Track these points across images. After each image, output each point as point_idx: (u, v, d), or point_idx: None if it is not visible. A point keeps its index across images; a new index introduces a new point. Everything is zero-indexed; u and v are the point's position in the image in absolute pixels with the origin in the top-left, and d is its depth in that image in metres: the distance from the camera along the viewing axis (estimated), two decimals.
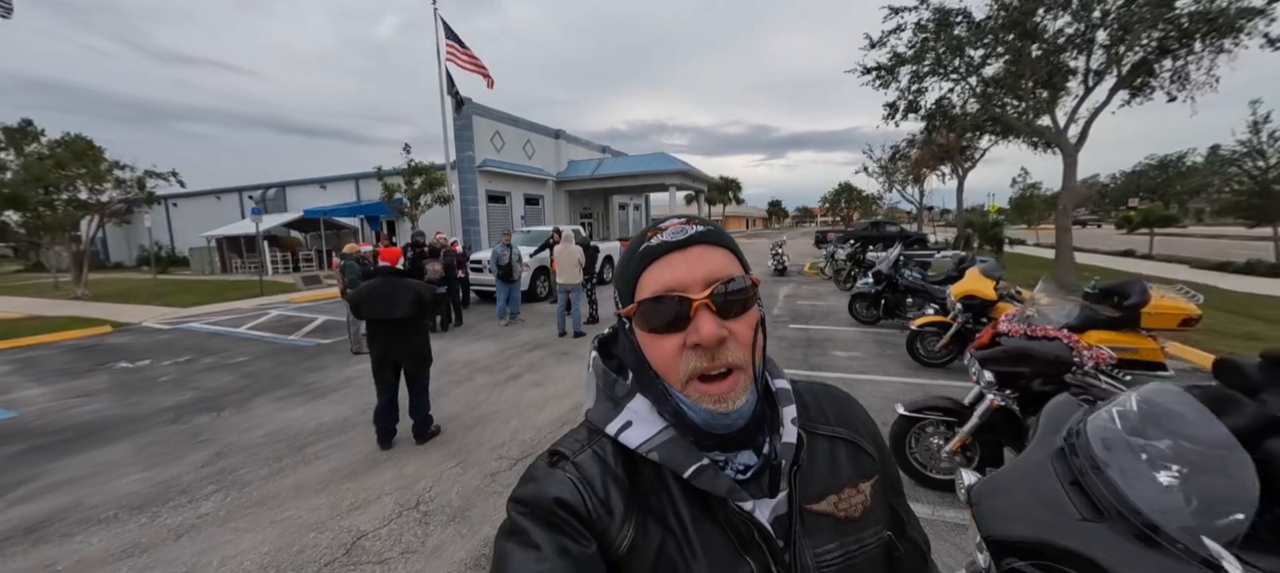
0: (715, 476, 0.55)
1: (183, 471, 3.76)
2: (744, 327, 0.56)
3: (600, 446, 0.59)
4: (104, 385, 5.98)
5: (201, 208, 29.20)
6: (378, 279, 3.97)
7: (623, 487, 0.56)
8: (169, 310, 11.22)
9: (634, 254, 0.59)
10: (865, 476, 0.66)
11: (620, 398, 0.60)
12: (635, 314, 0.57)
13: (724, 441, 0.57)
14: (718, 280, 0.55)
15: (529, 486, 0.57)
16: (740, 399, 0.55)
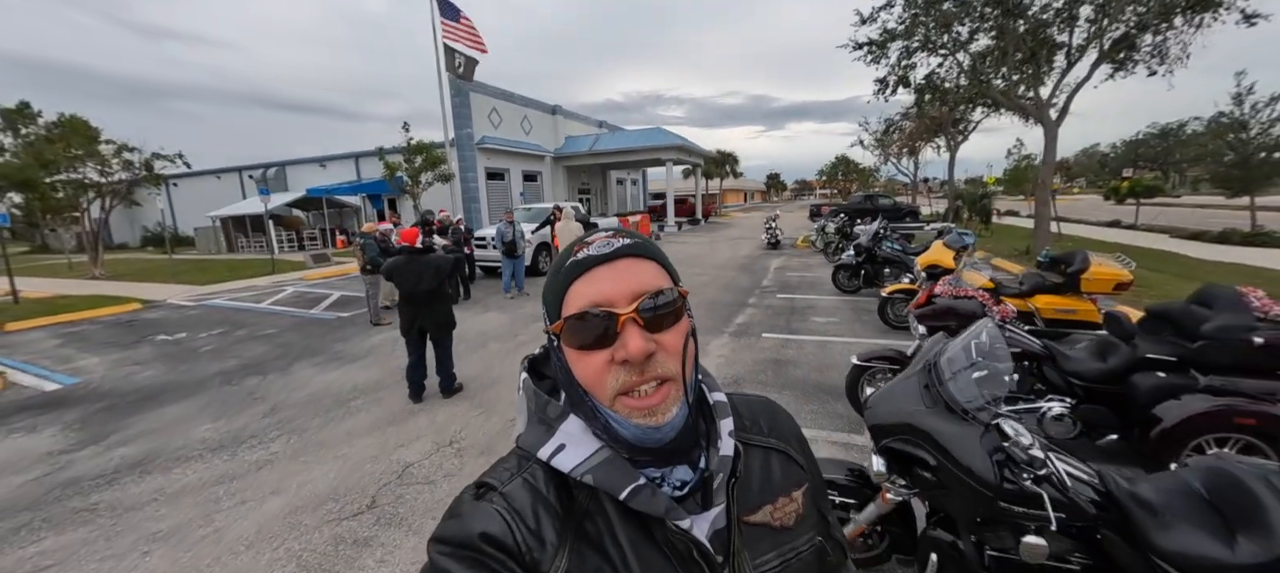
0: (652, 495, 0.54)
1: (247, 421, 4.41)
2: (673, 338, 0.55)
3: (531, 472, 0.57)
4: (153, 355, 6.61)
5: (202, 187, 29.43)
6: (402, 257, 4.55)
7: (555, 514, 0.55)
8: (190, 288, 11.80)
9: (560, 269, 0.58)
10: (797, 484, 0.67)
11: (553, 420, 0.58)
12: (562, 331, 0.56)
13: (658, 454, 0.56)
14: (645, 294, 0.54)
15: (452, 523, 0.54)
16: (671, 411, 0.54)
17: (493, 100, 22.04)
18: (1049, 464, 1.61)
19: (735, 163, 49.96)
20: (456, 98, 19.98)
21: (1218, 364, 2.81)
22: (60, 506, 3.23)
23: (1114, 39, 11.73)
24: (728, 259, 14.20)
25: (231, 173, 29.05)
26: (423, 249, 4.61)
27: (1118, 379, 3.05)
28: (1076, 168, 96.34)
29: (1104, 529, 1.73)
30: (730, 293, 9.22)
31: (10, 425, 4.55)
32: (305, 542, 2.77)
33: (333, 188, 22.74)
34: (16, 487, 3.49)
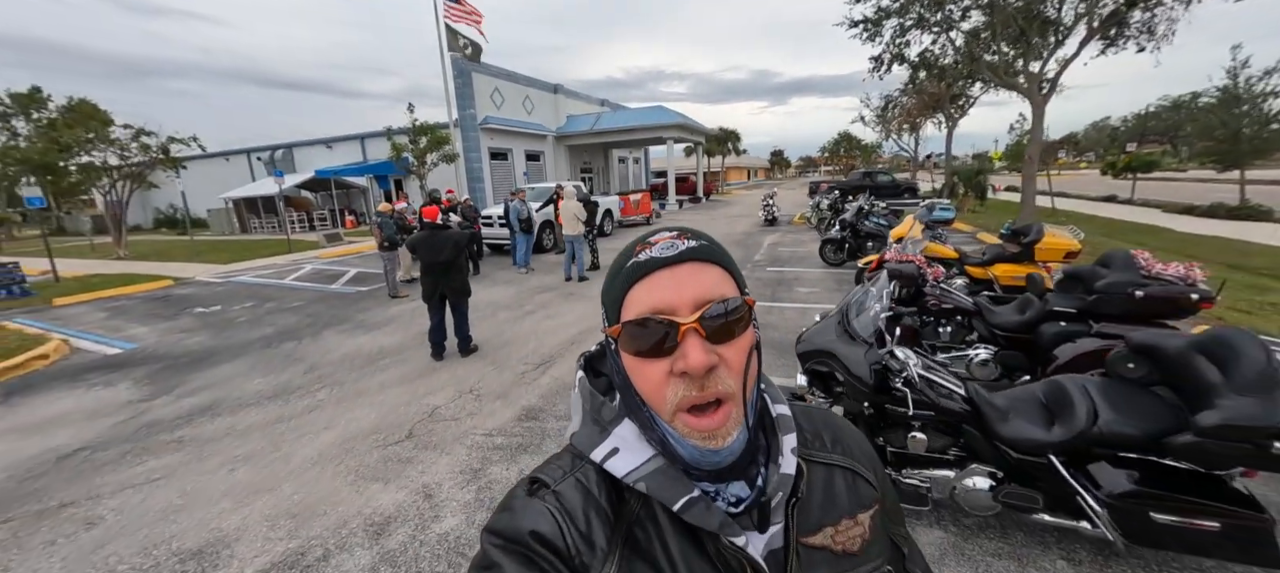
0: (706, 509, 0.52)
1: (292, 377, 5.07)
2: (736, 353, 0.52)
3: (584, 473, 0.56)
4: (195, 325, 7.29)
5: (211, 170, 29.96)
6: (424, 232, 5.15)
7: (605, 518, 0.53)
8: (214, 267, 12.47)
9: (620, 270, 0.55)
10: (864, 506, 0.62)
11: (607, 423, 0.57)
12: (620, 336, 0.54)
13: (713, 473, 0.54)
14: (708, 302, 0.51)
15: (505, 516, 0.54)
16: (732, 435, 0.51)
17: (495, 81, 22.34)
18: (908, 370, 2.21)
19: (737, 140, 49.94)
20: (459, 78, 20.32)
21: (1108, 314, 3.38)
22: (152, 439, 3.91)
23: (1103, 16, 11.97)
24: (724, 235, 14.73)
25: (240, 155, 29.58)
26: (442, 225, 5.20)
27: (1030, 329, 3.63)
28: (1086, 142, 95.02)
29: (966, 425, 2.33)
30: None
31: (88, 382, 5.24)
32: (359, 461, 3.43)
33: (340, 169, 23.27)
34: (111, 425, 4.17)
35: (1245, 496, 1.92)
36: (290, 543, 2.67)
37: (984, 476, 2.32)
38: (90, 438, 3.98)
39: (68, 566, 2.59)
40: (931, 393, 2.30)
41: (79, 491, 3.26)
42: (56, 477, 3.44)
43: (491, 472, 3.22)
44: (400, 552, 2.55)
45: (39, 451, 3.82)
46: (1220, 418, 1.80)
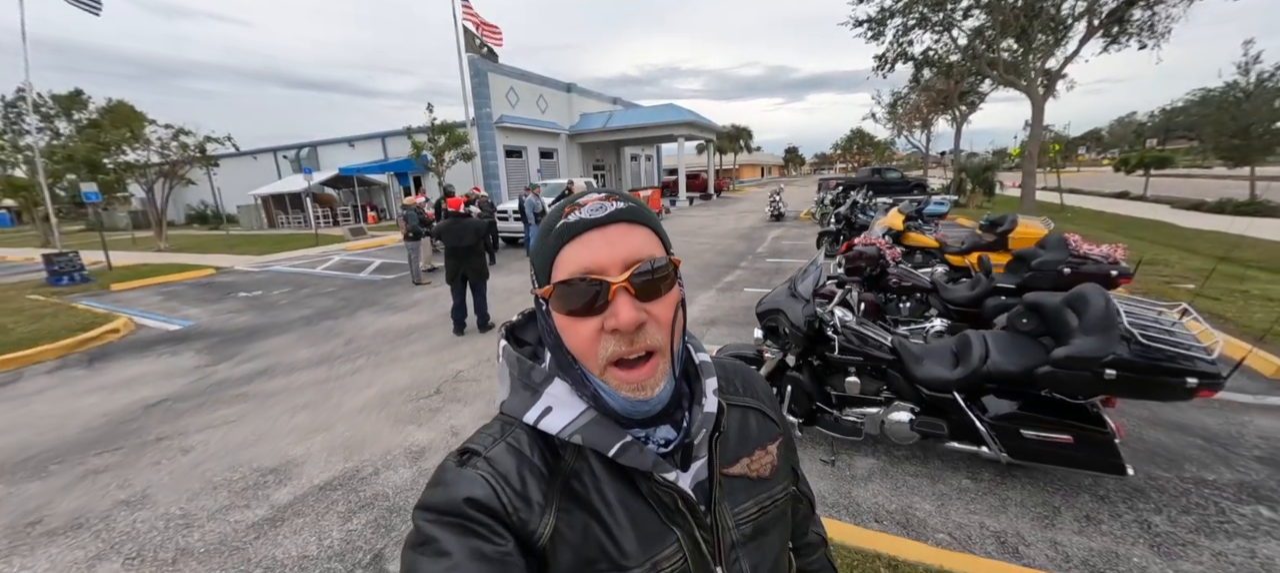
0: (639, 451, 0.55)
1: (333, 348, 5.76)
2: (664, 309, 0.55)
3: (514, 436, 0.57)
4: (241, 307, 8.06)
5: (239, 167, 31.17)
6: (449, 220, 5.79)
7: (540, 475, 0.55)
8: (249, 258, 13.36)
9: (550, 231, 0.56)
10: (771, 438, 0.70)
11: (538, 384, 0.58)
12: (551, 296, 0.55)
13: (643, 420, 0.58)
14: (637, 262, 0.53)
15: (437, 490, 0.54)
16: (659, 386, 0.55)
17: (510, 80, 23.05)
18: (833, 319, 2.76)
19: (749, 137, 50.13)
20: (475, 78, 21.05)
21: (1041, 287, 3.85)
22: (221, 393, 4.60)
23: (1103, 15, 12.18)
24: (730, 230, 15.23)
25: (267, 153, 30.75)
26: (464, 214, 5.85)
27: (977, 303, 4.13)
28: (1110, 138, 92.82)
29: (891, 370, 2.88)
30: (725, 258, 10.33)
31: (157, 352, 5.99)
32: (396, 410, 4.07)
33: (363, 167, 24.21)
34: (185, 384, 4.89)
35: (1095, 416, 2.44)
36: (346, 464, 3.31)
37: (905, 411, 2.86)
38: (169, 392, 4.69)
39: (174, 478, 3.26)
40: (858, 342, 2.85)
41: (169, 429, 3.95)
42: (148, 420, 4.15)
43: None
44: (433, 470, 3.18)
45: (128, 401, 4.55)
46: (1067, 352, 2.33)
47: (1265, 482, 2.70)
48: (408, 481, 3.11)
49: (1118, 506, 2.55)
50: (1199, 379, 2.16)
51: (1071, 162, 63.10)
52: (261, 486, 3.12)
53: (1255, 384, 3.84)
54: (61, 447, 3.76)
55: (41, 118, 18.89)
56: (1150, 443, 3.09)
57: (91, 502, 3.05)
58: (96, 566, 2.51)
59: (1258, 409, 3.46)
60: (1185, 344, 2.23)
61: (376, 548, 2.54)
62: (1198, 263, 8.60)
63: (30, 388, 5.04)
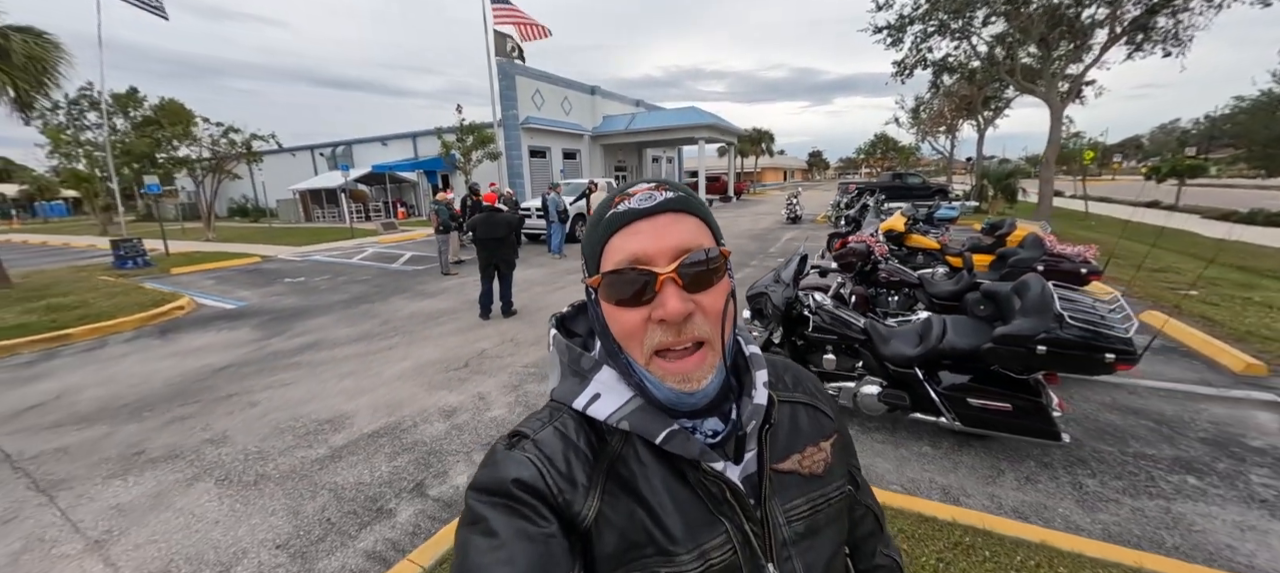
0: (687, 439, 0.55)
1: (370, 327, 6.36)
2: (713, 300, 0.54)
3: (562, 421, 0.58)
4: (287, 290, 8.79)
5: (278, 163, 32.68)
6: (485, 214, 6.35)
7: (586, 459, 0.56)
8: (291, 248, 14.27)
9: (599, 221, 0.57)
10: (825, 435, 0.68)
11: (587, 371, 0.59)
12: (600, 286, 0.56)
13: (690, 411, 0.57)
14: (686, 252, 0.53)
15: (486, 471, 0.55)
16: (707, 378, 0.55)
17: (536, 83, 23.78)
18: (808, 300, 3.17)
19: (771, 140, 50.10)
20: (503, 81, 21.82)
21: None
22: (276, 362, 5.22)
23: (1127, 22, 12.14)
24: (746, 230, 15.56)
25: (304, 151, 32.20)
26: (498, 209, 6.42)
27: (959, 297, 4.45)
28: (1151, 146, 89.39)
29: (861, 347, 3.27)
30: (738, 256, 10.70)
31: (217, 326, 6.70)
32: (430, 378, 4.61)
33: (394, 164, 25.25)
34: (245, 352, 5.53)
35: (1035, 388, 2.79)
36: (389, 418, 3.85)
37: (874, 384, 3.25)
38: (233, 360, 5.34)
39: (247, 423, 3.85)
40: (832, 322, 3.25)
41: (237, 387, 4.57)
42: (218, 380, 4.78)
43: (526, 387, 4.34)
44: (465, 426, 3.69)
45: (199, 365, 5.20)
46: (1006, 330, 2.70)
47: (1200, 457, 3.01)
48: (442, 432, 3.63)
49: (1057, 471, 2.90)
50: (1116, 354, 2.51)
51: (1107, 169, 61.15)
52: (320, 432, 3.67)
53: (1221, 378, 4.08)
54: (149, 398, 4.40)
55: (101, 115, 20.36)
56: (1103, 424, 3.40)
57: (181, 440, 3.65)
58: (193, 484, 3.09)
59: (1217, 400, 3.73)
60: (1108, 326, 2.58)
61: (418, 479, 3.05)
62: (1212, 273, 8.63)
63: (114, 353, 5.76)
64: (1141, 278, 7.45)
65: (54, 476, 3.23)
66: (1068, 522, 2.48)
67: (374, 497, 2.90)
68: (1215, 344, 4.60)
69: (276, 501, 2.89)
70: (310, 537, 2.58)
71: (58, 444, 3.64)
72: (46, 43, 8.72)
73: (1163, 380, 4.04)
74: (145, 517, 2.79)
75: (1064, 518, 2.52)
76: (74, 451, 3.55)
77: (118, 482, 3.14)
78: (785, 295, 3.22)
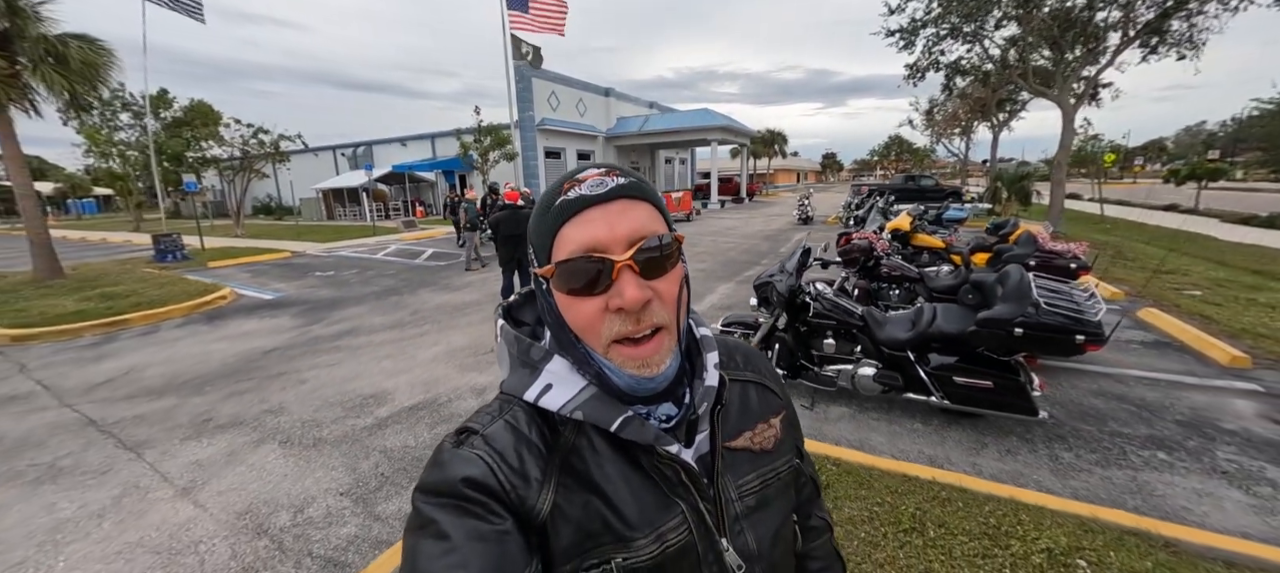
0: (641, 425, 0.55)
1: (401, 317, 6.78)
2: (669, 285, 0.55)
3: (512, 414, 0.57)
4: (320, 283, 9.29)
5: (302, 163, 33.60)
6: (507, 211, 6.73)
7: (537, 452, 0.55)
8: (317, 244, 14.86)
9: (549, 209, 0.55)
10: (774, 412, 0.71)
11: (537, 362, 0.58)
12: (552, 276, 0.54)
13: (646, 397, 0.58)
14: (641, 239, 0.52)
15: (433, 471, 0.53)
16: (665, 362, 0.55)
17: (552, 85, 24.26)
18: (809, 288, 3.48)
19: (784, 142, 50.10)
20: (520, 83, 22.31)
21: None
22: (319, 345, 5.65)
23: (1140, 25, 12.17)
24: (757, 231, 15.82)
25: (326, 151, 33.10)
26: (521, 207, 6.81)
27: (955, 290, 4.71)
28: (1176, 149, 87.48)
29: (859, 332, 3.57)
30: (748, 255, 10.99)
31: (259, 315, 7.18)
32: (460, 361, 4.99)
33: (413, 164, 25.90)
34: (289, 338, 5.98)
35: (1015, 368, 3.07)
36: (426, 395, 4.23)
37: (870, 367, 3.54)
38: (278, 344, 5.78)
39: (299, 397, 4.26)
40: (832, 308, 3.55)
41: (286, 367, 5.00)
42: (267, 361, 5.21)
43: None
44: None
45: (248, 348, 5.65)
46: (986, 315, 2.98)
47: (1173, 436, 3.26)
48: (474, 407, 3.99)
49: (1036, 445, 3.17)
50: (1086, 335, 2.79)
51: (1128, 172, 60.05)
52: (365, 405, 4.07)
53: (1206, 370, 4.30)
54: (208, 376, 4.85)
55: (133, 115, 21.29)
56: (1086, 407, 3.66)
57: (243, 410, 4.07)
58: (260, 446, 3.49)
59: (1198, 389, 3.95)
60: (1079, 311, 2.86)
61: None
62: (1223, 274, 8.71)
63: (168, 337, 6.25)
64: (1146, 278, 7.60)
65: (136, 437, 3.66)
66: (1041, 487, 2.76)
67: (419, 457, 3.28)
68: (1206, 339, 4.80)
69: (335, 459, 3.28)
70: (368, 487, 2.96)
71: (134, 413, 4.08)
72: (99, 49, 9.32)
73: (1150, 371, 4.27)
74: (222, 471, 3.19)
75: (1037, 484, 2.79)
76: (150, 418, 3.98)
77: (193, 443, 3.56)
78: (789, 284, 3.54)
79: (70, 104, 9.44)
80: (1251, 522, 2.45)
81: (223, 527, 2.66)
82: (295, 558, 2.43)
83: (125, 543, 2.56)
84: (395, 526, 2.64)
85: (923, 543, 2.23)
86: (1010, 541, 2.21)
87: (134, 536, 2.61)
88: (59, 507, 2.87)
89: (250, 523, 2.68)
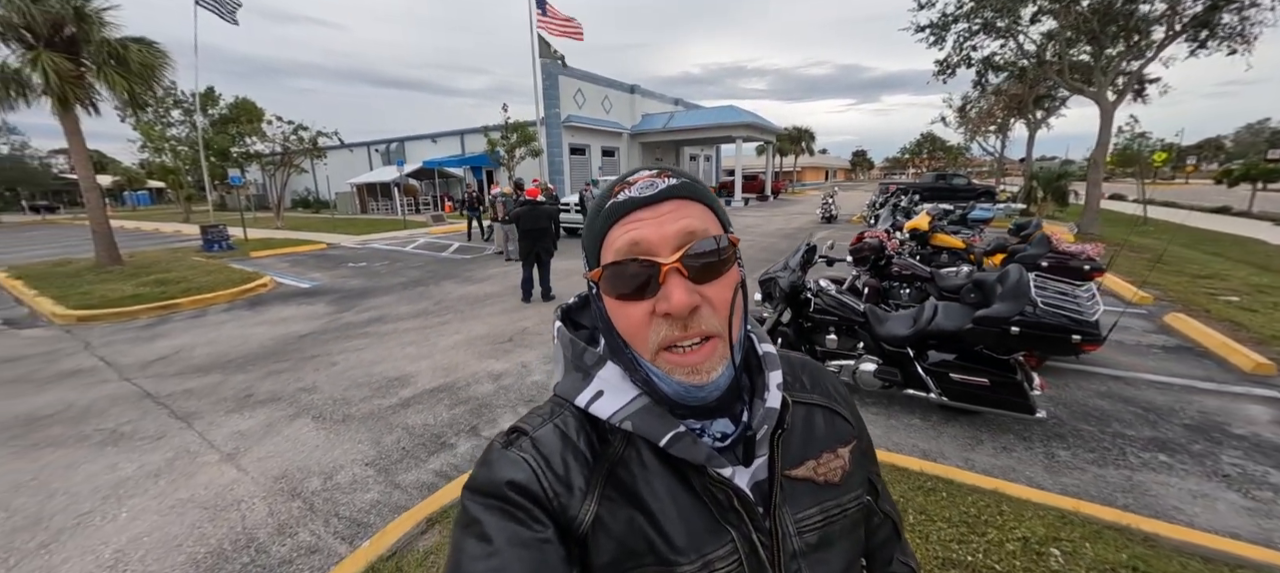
0: (693, 443, 0.52)
1: (426, 307, 7.11)
2: (721, 291, 0.51)
3: (562, 419, 0.56)
4: (352, 274, 9.76)
5: (337, 158, 34.79)
6: (527, 207, 6.99)
7: (584, 460, 0.54)
8: (351, 237, 15.50)
9: (599, 212, 0.54)
10: (843, 441, 0.65)
11: (590, 367, 0.56)
12: (601, 279, 0.53)
13: (699, 410, 0.54)
14: (691, 241, 0.50)
15: (482, 470, 0.53)
16: (716, 370, 0.51)
17: (578, 82, 24.55)
18: (810, 284, 3.58)
19: (811, 139, 49.35)
20: (546, 81, 22.67)
21: None
22: (350, 331, 6.01)
23: (1187, 17, 11.62)
24: (779, 229, 15.76)
25: (361, 147, 34.24)
26: (541, 202, 7.06)
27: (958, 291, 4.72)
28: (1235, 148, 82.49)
29: (860, 328, 3.66)
30: (767, 254, 11.02)
31: (296, 302, 7.63)
32: (479, 349, 5.25)
33: (443, 160, 26.59)
34: (322, 324, 6.37)
35: (1011, 366, 3.12)
36: (446, 378, 4.49)
37: (871, 362, 3.62)
38: (312, 329, 6.16)
39: (330, 378, 4.58)
40: (834, 304, 3.64)
41: (318, 350, 5.34)
42: (302, 344, 5.58)
43: None
44: (509, 387, 4.29)
45: (285, 333, 6.04)
46: (983, 313, 3.04)
47: (1177, 439, 3.24)
48: (490, 391, 4.23)
49: (1033, 443, 3.20)
50: (1082, 335, 2.82)
51: (1181, 173, 56.93)
52: (390, 386, 4.35)
53: (1227, 376, 4.20)
54: (249, 356, 5.23)
55: (184, 112, 22.53)
56: (1090, 408, 3.65)
57: (280, 387, 4.40)
58: (294, 420, 3.80)
59: (1214, 394, 3.88)
60: (1077, 311, 2.89)
61: (472, 423, 3.66)
62: (1267, 280, 8.33)
63: (215, 320, 6.72)
64: (1183, 283, 7.36)
65: (186, 409, 4.03)
66: (1031, 483, 2.81)
67: (438, 434, 3.52)
68: (1231, 346, 4.67)
69: (361, 434, 3.55)
70: (390, 459, 3.22)
71: (184, 387, 4.47)
72: (156, 51, 9.98)
73: (1164, 375, 4.20)
74: (262, 440, 3.50)
75: (1028, 480, 2.84)
76: (198, 392, 4.35)
77: (236, 415, 3.89)
78: (791, 280, 3.64)
79: (128, 102, 10.14)
80: (1243, 523, 2.46)
81: (261, 489, 2.95)
82: (324, 518, 2.69)
83: (178, 499, 2.87)
84: (413, 494, 2.88)
85: None
86: (987, 529, 2.29)
87: (185, 493, 2.92)
88: (120, 466, 3.21)
89: (285, 486, 2.96)
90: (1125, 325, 5.41)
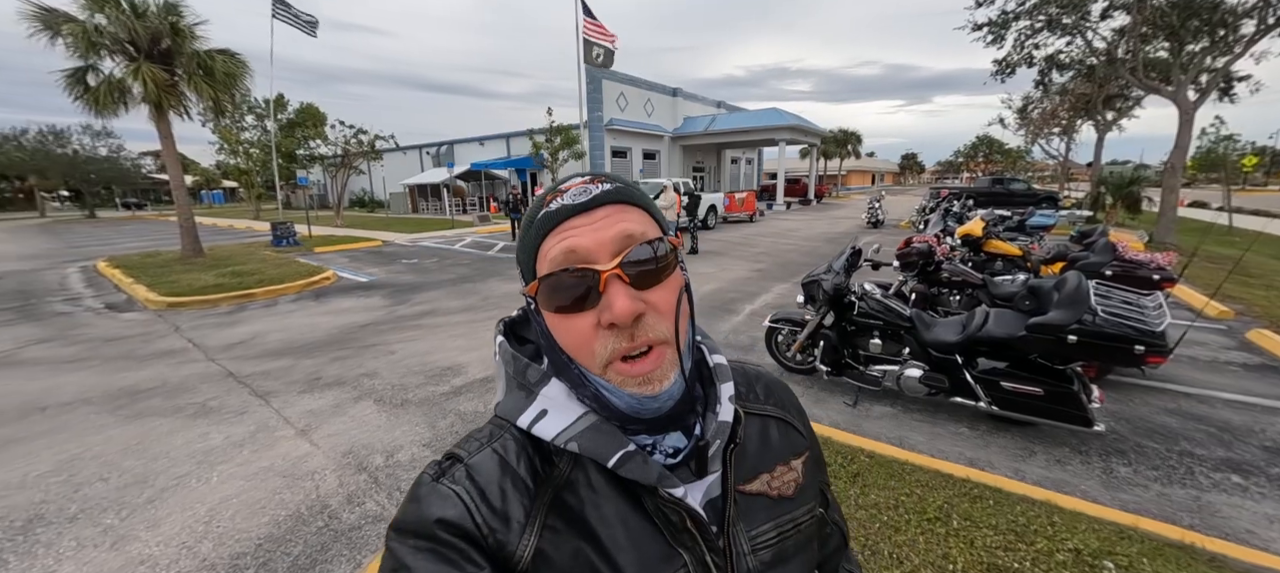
0: (643, 463, 0.50)
1: (474, 302, 7.43)
2: (665, 296, 0.49)
3: (502, 442, 0.52)
4: (405, 270, 10.29)
5: (391, 160, 36.54)
6: None
7: (524, 488, 0.50)
8: (404, 235, 16.30)
9: (531, 223, 0.51)
10: (796, 452, 0.64)
11: (534, 384, 0.53)
12: (537, 292, 0.50)
13: (651, 423, 0.52)
14: (629, 245, 0.48)
15: (411, 507, 0.49)
16: (668, 378, 0.49)
17: (620, 86, 24.86)
18: (855, 287, 3.56)
19: (858, 142, 47.95)
20: (590, 85, 23.08)
21: None
22: (403, 323, 6.37)
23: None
24: (821, 233, 15.46)
25: (413, 149, 35.84)
26: None
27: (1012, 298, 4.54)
28: None
29: (906, 333, 3.62)
30: (810, 258, 10.85)
31: (355, 295, 8.13)
32: None
33: (489, 163, 27.50)
34: (379, 315, 6.78)
35: (1068, 376, 3.01)
36: (493, 370, 4.70)
37: (916, 368, 3.56)
38: (370, 320, 6.57)
39: (388, 365, 4.89)
40: (880, 308, 3.61)
41: (376, 340, 5.70)
42: (362, 334, 5.96)
43: None
44: None
45: (346, 323, 6.47)
46: (1038, 320, 2.95)
47: (1254, 461, 3.04)
48: None
49: (1090, 457, 3.08)
50: (1146, 347, 2.70)
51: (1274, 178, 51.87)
52: (443, 375, 4.61)
53: None
54: (315, 343, 5.64)
55: (256, 117, 24.29)
56: (1156, 424, 3.46)
57: (344, 372, 4.74)
58: (359, 402, 4.09)
59: None
60: (1142, 321, 2.77)
61: None
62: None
63: (284, 310, 7.26)
64: (1270, 298, 6.80)
65: (264, 388, 4.40)
66: (1086, 497, 2.71)
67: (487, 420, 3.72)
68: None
69: (418, 417, 3.80)
70: (445, 440, 3.43)
71: (261, 369, 4.88)
72: (237, 61, 10.85)
73: (1243, 394, 3.92)
74: (330, 419, 3.80)
75: (1083, 494, 2.74)
76: (273, 373, 4.75)
77: (307, 395, 4.23)
78: (836, 282, 3.64)
79: (212, 108, 11.07)
80: None
81: (331, 462, 3.21)
82: (387, 490, 2.91)
83: (259, 467, 3.17)
84: None
85: (945, 532, 2.32)
86: (1036, 539, 2.24)
87: (265, 462, 3.22)
88: (210, 436, 3.57)
89: (352, 461, 3.22)
90: (1201, 341, 5.07)
